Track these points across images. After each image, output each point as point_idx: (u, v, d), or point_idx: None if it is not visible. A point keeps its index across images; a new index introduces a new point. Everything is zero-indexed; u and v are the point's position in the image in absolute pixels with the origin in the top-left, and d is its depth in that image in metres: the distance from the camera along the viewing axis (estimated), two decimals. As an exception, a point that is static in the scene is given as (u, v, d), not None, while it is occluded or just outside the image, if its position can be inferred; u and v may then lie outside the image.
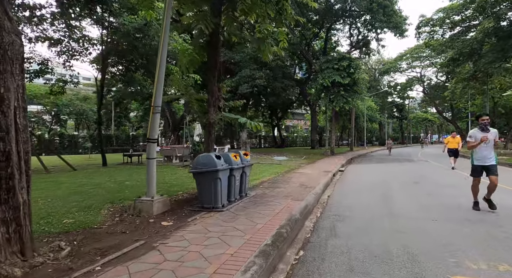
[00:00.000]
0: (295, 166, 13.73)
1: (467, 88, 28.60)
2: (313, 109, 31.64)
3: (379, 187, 8.56)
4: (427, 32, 25.57)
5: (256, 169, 11.97)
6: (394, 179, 10.11)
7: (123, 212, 4.85)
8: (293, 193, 6.69)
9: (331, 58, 21.93)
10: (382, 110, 53.92)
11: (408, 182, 9.37)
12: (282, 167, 13.06)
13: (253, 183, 8.24)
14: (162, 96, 4.95)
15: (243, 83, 19.33)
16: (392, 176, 11.12)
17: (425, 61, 51.25)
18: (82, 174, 10.32)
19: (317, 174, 10.68)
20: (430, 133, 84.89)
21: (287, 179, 9.17)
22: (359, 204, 6.20)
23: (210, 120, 6.44)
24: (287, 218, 4.44)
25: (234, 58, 20.18)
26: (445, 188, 8.22)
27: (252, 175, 9.88)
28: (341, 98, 20.76)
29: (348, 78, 20.52)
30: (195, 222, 4.30)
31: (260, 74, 19.10)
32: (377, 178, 10.63)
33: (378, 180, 9.96)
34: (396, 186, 8.69)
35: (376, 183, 9.39)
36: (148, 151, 4.89)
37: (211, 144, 6.56)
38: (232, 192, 5.67)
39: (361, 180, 10.25)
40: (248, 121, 5.92)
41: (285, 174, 10.64)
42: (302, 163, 15.13)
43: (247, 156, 6.40)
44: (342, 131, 48.02)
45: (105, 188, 7.00)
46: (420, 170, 13.26)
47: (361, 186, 8.72)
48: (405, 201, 6.55)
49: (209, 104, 6.52)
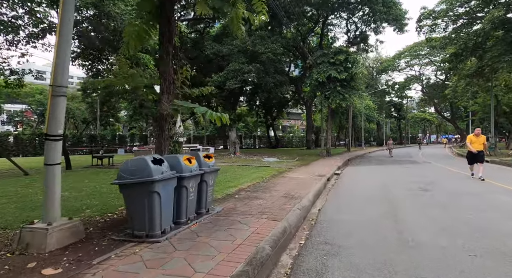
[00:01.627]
0: (285, 168, 12.16)
1: (470, 85, 27.21)
2: (308, 108, 30.15)
3: (382, 196, 7.01)
4: (428, 25, 24.13)
5: (239, 172, 10.38)
6: (398, 185, 8.56)
7: (8, 245, 3.24)
8: (273, 208, 5.12)
9: (327, 52, 20.42)
10: (380, 109, 52.56)
11: (415, 189, 7.83)
12: (270, 169, 11.49)
13: (227, 192, 6.66)
14: (67, 73, 3.36)
15: (231, 78, 17.75)
16: (395, 181, 9.58)
17: (424, 59, 49.98)
18: (25, 180, 8.68)
19: (309, 178, 9.11)
20: (428, 133, 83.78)
21: (271, 186, 7.59)
22: (358, 224, 4.64)
23: (163, 111, 4.85)
24: (249, 257, 2.86)
25: (222, 52, 18.61)
26: (462, 197, 6.69)
27: (230, 180, 8.31)
28: (337, 95, 19.25)
29: (345, 73, 19.02)
30: (102, 268, 2.70)
31: (250, 68, 17.53)
32: (378, 183, 9.08)
33: (380, 187, 8.41)
34: (401, 194, 7.14)
35: (378, 190, 7.84)
36: (47, 153, 3.29)
37: (164, 144, 4.96)
38: (183, 210, 4.08)
39: (359, 186, 8.69)
40: (209, 111, 4.35)
41: (271, 179, 9.07)
42: (294, 165, 13.57)
43: (210, 159, 4.81)
44: (339, 131, 46.58)
45: (25, 202, 5.38)
46: (426, 173, 11.74)
47: (359, 195, 7.16)
48: (418, 218, 4.99)
49: (162, 91, 4.92)
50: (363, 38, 28.60)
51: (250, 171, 10.99)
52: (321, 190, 7.72)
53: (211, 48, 19.06)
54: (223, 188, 7.14)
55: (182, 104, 4.57)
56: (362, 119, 39.29)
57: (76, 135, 31.67)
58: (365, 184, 9.09)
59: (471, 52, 23.41)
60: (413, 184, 8.62)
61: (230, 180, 8.35)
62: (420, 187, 8.11)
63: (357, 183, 9.40)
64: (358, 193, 7.49)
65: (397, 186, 8.38)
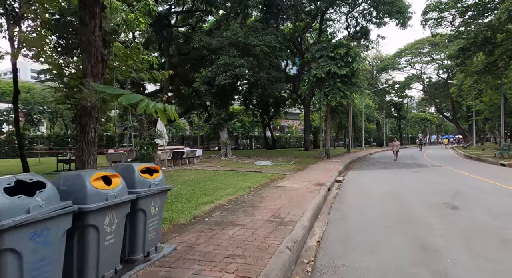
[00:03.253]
0: (278, 174, 10.54)
1: (477, 83, 25.70)
2: (306, 106, 28.55)
3: (401, 217, 5.39)
4: (434, 18, 22.61)
5: (223, 180, 8.75)
6: (415, 198, 6.95)
7: None
8: (250, 246, 3.48)
9: (326, 45, 18.82)
10: (380, 109, 51.05)
11: (441, 205, 6.22)
12: (261, 176, 9.86)
13: (197, 212, 5.02)
14: None
15: (220, 73, 16.11)
16: (410, 191, 7.97)
17: (425, 57, 48.53)
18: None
19: (305, 189, 7.49)
20: (429, 133, 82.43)
21: (257, 202, 5.96)
22: (378, 273, 3.02)
23: (85, 102, 3.22)
24: None
25: (211, 44, 16.94)
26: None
27: (208, 192, 6.68)
28: (337, 92, 17.63)
29: (346, 69, 17.40)
30: None
31: (242, 62, 15.86)
32: (390, 195, 7.47)
33: (393, 200, 6.80)
34: (426, 214, 5.53)
35: (392, 206, 6.23)
36: None
37: (89, 152, 3.33)
38: (89, 266, 2.43)
39: (368, 200, 7.07)
40: (146, 102, 2.74)
41: (259, 189, 7.44)
42: (289, 170, 11.95)
43: (154, 174, 3.17)
44: (338, 132, 45.02)
45: None
46: (442, 179, 10.14)
47: (371, 216, 5.54)
48: (473, 263, 3.37)
49: (85, 71, 3.29)
50: (365, 32, 27.03)
51: (237, 178, 9.35)
52: (320, 206, 6.10)
53: (199, 41, 17.39)
54: (194, 205, 5.51)
55: (103, 90, 2.94)
56: (362, 119, 37.73)
57: (60, 135, 29.85)
58: (374, 196, 7.48)
59: (480, 47, 21.95)
60: (435, 196, 7.01)
61: (207, 192, 6.71)
62: (446, 201, 6.48)
63: (364, 194, 7.79)
64: (368, 211, 5.87)
65: (416, 199, 6.76)
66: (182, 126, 49.58)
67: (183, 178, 9.22)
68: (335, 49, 17.85)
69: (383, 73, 54.93)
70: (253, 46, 16.54)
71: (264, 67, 18.28)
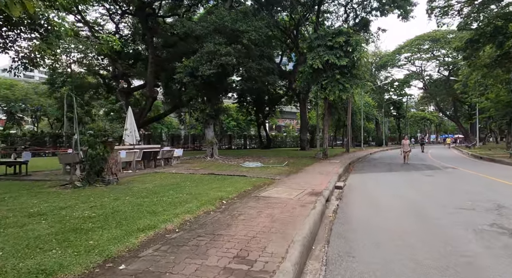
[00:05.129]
0: (266, 179, 8.65)
1: (485, 77, 23.97)
2: (302, 102, 26.69)
3: (438, 253, 3.51)
4: (440, 7, 20.86)
5: (191, 188, 6.82)
6: (446, 215, 5.08)
7: None
8: None
9: (324, 33, 16.94)
10: (379, 107, 49.33)
11: (487, 227, 4.34)
12: (244, 182, 7.96)
13: (116, 250, 3.10)
14: None
15: (204, 62, 14.19)
16: (434, 203, 6.10)
17: (426, 54, 46.83)
18: None
19: (296, 200, 5.61)
20: (428, 133, 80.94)
21: (222, 226, 4.05)
22: None
23: None
24: None
25: (194, 31, 14.99)
26: None
27: (161, 209, 4.79)
28: (336, 85, 15.76)
29: (346, 59, 15.55)
30: None
31: (228, 50, 13.94)
32: (410, 210, 5.60)
33: (417, 219, 4.93)
34: (476, 247, 3.65)
35: (419, 230, 4.34)
36: None
37: None
38: None
39: (381, 218, 5.18)
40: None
41: (233, 202, 5.54)
42: (280, 173, 10.06)
43: None
44: (336, 131, 43.25)
45: None
46: (464, 186, 8.29)
47: (391, 248, 3.66)
48: None
49: None
50: (364, 24, 25.16)
51: (212, 184, 7.44)
52: (315, 230, 4.22)
53: (181, 27, 15.42)
54: (122, 233, 3.59)
55: None
56: (361, 117, 35.93)
57: (37, 134, 27.70)
58: (387, 210, 5.60)
59: (489, 39, 20.22)
60: (472, 213, 5.14)
61: (158, 209, 4.78)
62: (492, 221, 4.60)
63: (374, 208, 5.91)
64: (385, 239, 3.98)
65: (447, 218, 4.89)
66: (175, 125, 47.47)
67: (143, 185, 7.30)
68: (334, 38, 16.01)
69: (382, 70, 53.24)
70: (241, 33, 14.61)
71: (254, 57, 16.35)
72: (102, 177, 7.14)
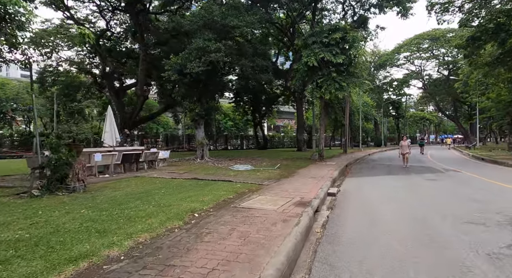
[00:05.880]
0: (252, 185, 7.89)
1: (487, 76, 23.25)
2: (298, 102, 25.95)
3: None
4: (441, 3, 20.14)
5: (165, 197, 6.05)
6: (459, 232, 4.34)
7: None
8: None
9: (320, 29, 16.20)
10: (378, 107, 48.59)
11: (507, 252, 3.61)
12: (226, 188, 7.20)
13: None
14: None
15: (193, 59, 13.43)
16: (443, 215, 5.34)
17: (425, 53, 46.11)
18: None
19: (280, 213, 4.85)
20: (427, 133, 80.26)
21: (181, 251, 3.29)
22: None
23: None
24: None
25: (183, 26, 14.23)
26: None
27: (114, 226, 4.03)
28: (332, 83, 15.01)
29: (342, 56, 14.81)
30: None
31: (218, 46, 13.18)
32: (415, 225, 4.85)
33: (425, 239, 4.17)
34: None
35: (423, 255, 3.59)
36: None
37: None
38: None
39: (380, 237, 4.43)
40: None
41: (206, 216, 4.77)
42: (269, 178, 9.31)
43: None
44: (334, 131, 42.46)
45: None
46: (478, 195, 7.55)
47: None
48: None
49: None
50: (363, 21, 24.41)
51: (189, 192, 6.67)
52: (294, 256, 3.47)
53: (170, 22, 14.67)
54: (44, 267, 2.82)
55: None
56: (360, 117, 35.18)
57: (25, 135, 26.87)
58: (387, 225, 4.85)
59: (491, 36, 19.52)
60: (481, 230, 4.39)
61: (111, 226, 4.01)
62: (510, 242, 3.88)
63: (371, 222, 5.16)
64: (379, 270, 3.24)
65: (454, 237, 4.14)
66: (171, 125, 46.56)
67: (112, 192, 6.54)
68: (330, 34, 15.27)
69: (381, 70, 52.51)
70: (232, 28, 13.85)
71: (247, 54, 15.59)
72: (66, 184, 6.38)
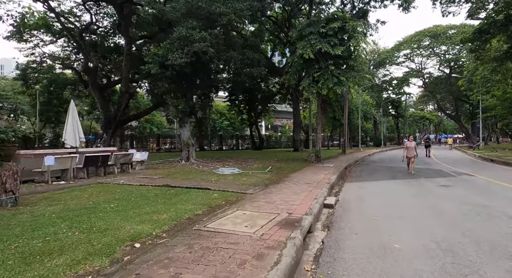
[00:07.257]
0: (233, 194, 6.50)
1: (494, 72, 21.95)
2: (295, 99, 24.57)
3: None
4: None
5: (111, 214, 4.64)
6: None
7: None
8: None
9: (316, 19, 14.84)
10: (378, 106, 47.28)
11: None
12: (197, 201, 5.79)
13: None
14: None
15: (175, 49, 12.05)
16: (471, 243, 3.96)
17: (426, 50, 44.78)
18: None
19: (255, 241, 3.46)
20: (426, 132, 79.13)
21: None
22: None
23: None
24: None
25: (165, 13, 12.84)
26: None
27: (5, 269, 2.53)
28: (330, 77, 13.65)
29: (341, 48, 13.44)
30: None
31: (202, 35, 11.80)
32: (435, 257, 3.48)
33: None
34: None
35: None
36: None
37: None
38: None
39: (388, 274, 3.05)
40: None
41: (149, 249, 3.37)
42: (255, 184, 7.93)
43: None
44: (332, 130, 41.13)
45: None
46: (504, 206, 6.20)
47: None
48: None
49: None
50: (363, 14, 23.04)
51: (147, 206, 5.26)
52: None
53: (151, 9, 13.25)
54: None
55: None
56: (359, 116, 33.83)
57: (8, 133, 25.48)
58: (402, 256, 3.47)
59: (500, 29, 18.24)
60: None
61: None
62: None
63: (381, 254, 3.77)
64: None
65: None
66: (165, 125, 45.01)
67: (47, 207, 5.12)
68: (328, 24, 13.91)
69: (380, 68, 51.17)
70: (219, 15, 12.45)
71: (236, 45, 14.19)
72: (-11, 196, 4.98)
